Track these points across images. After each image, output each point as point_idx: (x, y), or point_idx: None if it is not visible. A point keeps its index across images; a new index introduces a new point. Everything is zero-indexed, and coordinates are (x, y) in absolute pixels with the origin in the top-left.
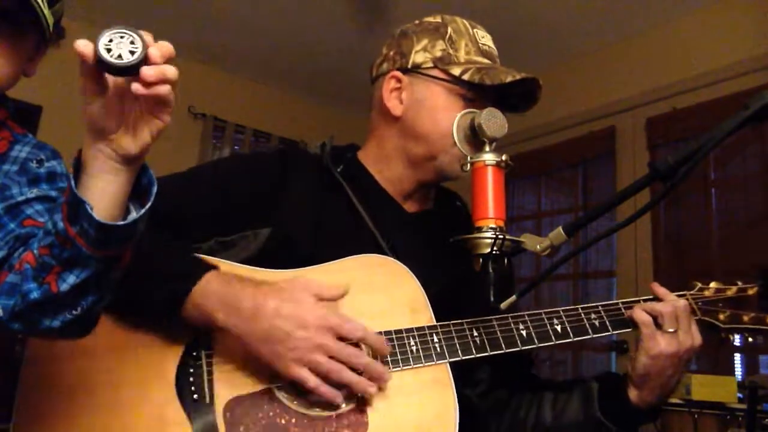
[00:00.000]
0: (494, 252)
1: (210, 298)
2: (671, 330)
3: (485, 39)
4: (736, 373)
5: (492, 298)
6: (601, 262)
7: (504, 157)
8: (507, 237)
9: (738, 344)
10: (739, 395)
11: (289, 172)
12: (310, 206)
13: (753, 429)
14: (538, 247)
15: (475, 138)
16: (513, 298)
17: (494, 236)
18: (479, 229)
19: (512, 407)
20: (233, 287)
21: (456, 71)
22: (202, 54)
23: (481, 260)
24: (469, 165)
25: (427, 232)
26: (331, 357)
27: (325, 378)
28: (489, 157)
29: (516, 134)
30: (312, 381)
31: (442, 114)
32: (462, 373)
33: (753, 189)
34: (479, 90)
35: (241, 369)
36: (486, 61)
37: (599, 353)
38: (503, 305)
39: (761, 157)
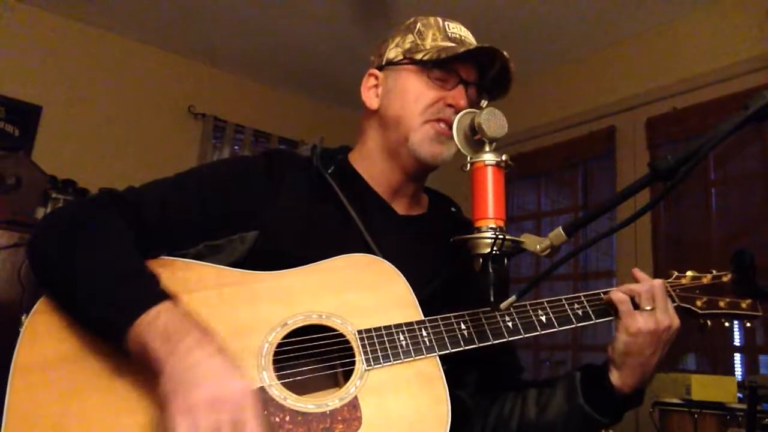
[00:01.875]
0: (494, 252)
1: (153, 328)
2: (648, 308)
3: (455, 29)
4: (736, 373)
5: (492, 299)
6: (601, 262)
7: (504, 157)
8: (507, 237)
9: (738, 344)
10: (739, 395)
11: (277, 175)
12: (300, 208)
13: (753, 429)
14: (538, 247)
15: (475, 138)
16: (513, 298)
17: (494, 236)
18: (479, 229)
19: (496, 407)
20: (181, 324)
21: (419, 56)
22: (202, 54)
23: (481, 260)
24: (469, 165)
25: (417, 235)
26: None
27: None
28: (489, 157)
29: (516, 134)
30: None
31: (411, 95)
32: (452, 376)
33: (753, 189)
34: (446, 69)
35: None
36: (452, 45)
37: (599, 353)
38: (503, 305)
39: (761, 157)
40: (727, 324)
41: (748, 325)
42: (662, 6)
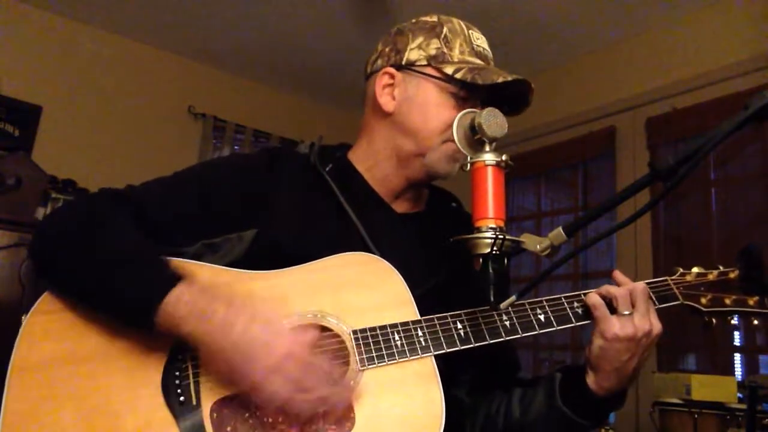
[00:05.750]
0: (494, 252)
1: (180, 309)
2: (626, 312)
3: (480, 41)
4: (736, 373)
5: (492, 299)
6: (601, 262)
7: (504, 157)
8: (507, 237)
9: (738, 344)
10: (739, 395)
11: (276, 173)
12: (298, 207)
13: (753, 429)
14: (538, 247)
15: (475, 138)
16: (513, 298)
17: (494, 236)
18: (479, 229)
19: (485, 404)
20: (204, 300)
21: (449, 70)
22: (202, 54)
23: (480, 260)
24: (469, 165)
25: (416, 233)
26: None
27: (298, 388)
28: (489, 157)
29: (516, 134)
30: (285, 391)
31: (433, 111)
32: (448, 374)
33: (753, 189)
34: (471, 89)
35: None
36: (479, 62)
37: None
38: (503, 305)
39: (761, 157)
40: (733, 322)
41: (755, 322)
42: (662, 6)
